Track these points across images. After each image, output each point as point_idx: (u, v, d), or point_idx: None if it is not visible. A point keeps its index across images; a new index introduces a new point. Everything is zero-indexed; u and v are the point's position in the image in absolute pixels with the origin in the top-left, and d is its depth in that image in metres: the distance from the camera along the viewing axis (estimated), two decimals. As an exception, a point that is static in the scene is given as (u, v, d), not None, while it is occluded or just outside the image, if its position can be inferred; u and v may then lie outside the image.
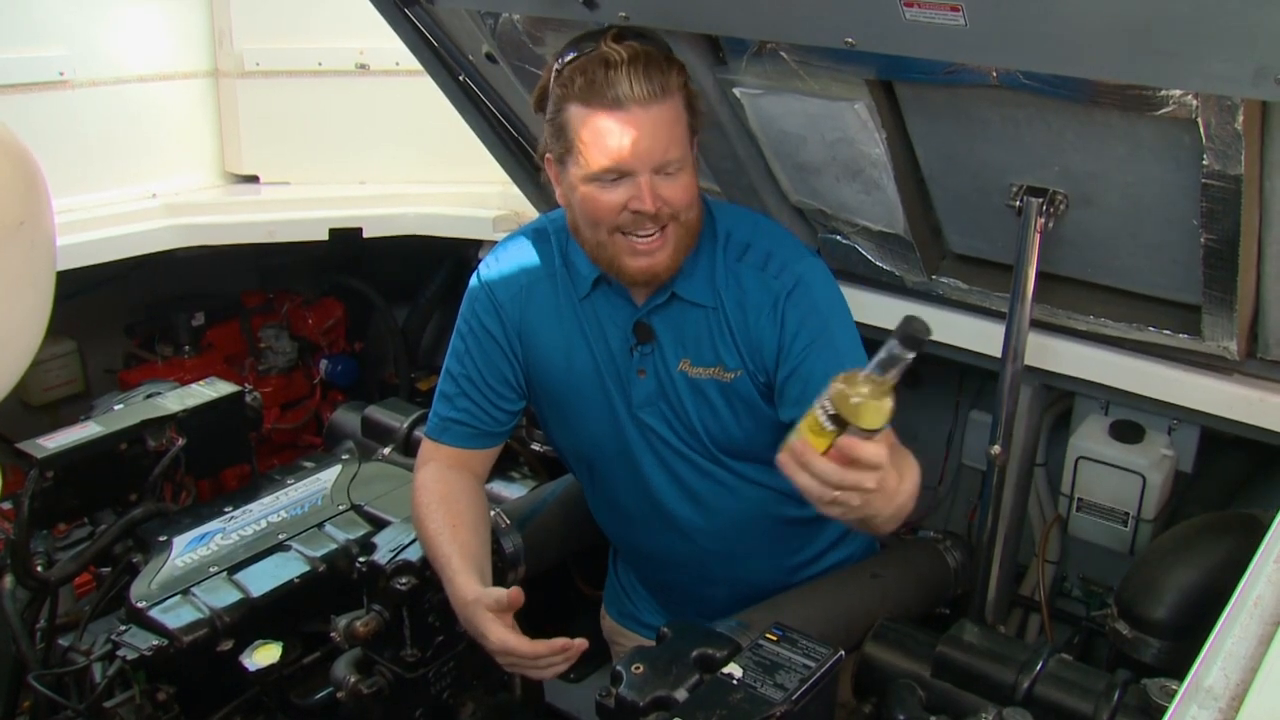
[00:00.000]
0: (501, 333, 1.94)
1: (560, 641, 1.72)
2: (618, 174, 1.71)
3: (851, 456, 1.40)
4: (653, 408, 1.93)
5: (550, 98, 1.75)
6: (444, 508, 1.89)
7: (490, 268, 1.97)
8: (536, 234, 1.97)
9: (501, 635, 1.70)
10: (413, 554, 1.89)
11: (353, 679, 1.88)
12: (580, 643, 1.73)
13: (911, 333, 1.38)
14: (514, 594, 1.72)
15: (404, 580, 1.86)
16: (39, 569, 2.12)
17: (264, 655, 1.89)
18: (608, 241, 1.77)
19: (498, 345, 1.95)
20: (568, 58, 1.72)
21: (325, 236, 3.19)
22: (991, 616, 2.36)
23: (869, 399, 1.40)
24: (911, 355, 1.39)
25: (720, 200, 1.99)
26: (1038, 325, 2.10)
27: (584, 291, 1.90)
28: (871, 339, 2.27)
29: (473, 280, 1.99)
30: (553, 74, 1.74)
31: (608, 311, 1.90)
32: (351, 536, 2.18)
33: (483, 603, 1.73)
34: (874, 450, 1.41)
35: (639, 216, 1.72)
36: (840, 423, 1.40)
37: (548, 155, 1.80)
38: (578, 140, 1.71)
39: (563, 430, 2.07)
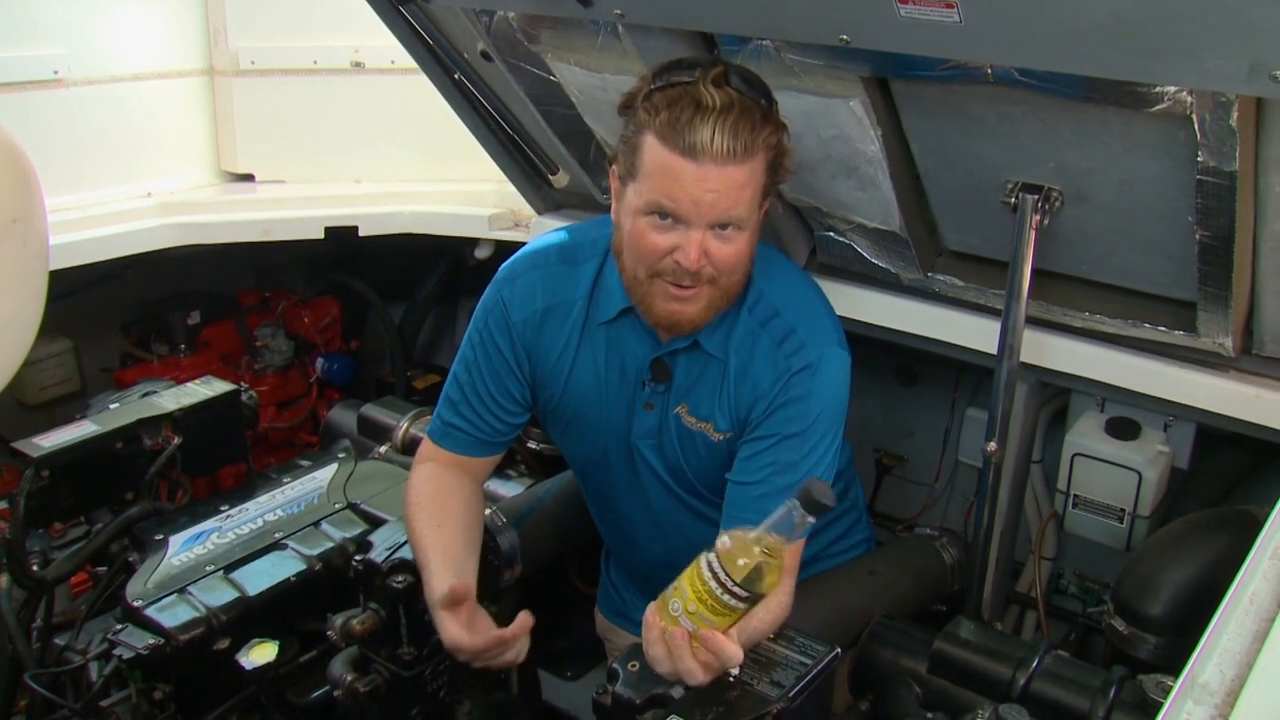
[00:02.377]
0: (511, 351, 1.93)
1: (496, 635, 1.72)
2: (672, 219, 1.67)
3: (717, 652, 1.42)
4: (651, 440, 1.94)
5: (634, 114, 1.70)
6: (433, 507, 1.89)
7: (511, 283, 1.94)
8: (566, 254, 1.94)
9: (450, 634, 1.71)
10: (409, 552, 1.89)
11: (349, 677, 1.88)
12: (523, 621, 1.74)
13: (815, 497, 1.37)
14: (457, 587, 1.72)
15: (400, 578, 1.86)
16: (35, 568, 2.12)
17: (260, 654, 1.89)
18: (645, 280, 1.74)
19: (506, 362, 1.94)
20: (662, 80, 1.67)
21: (321, 235, 3.18)
22: (988, 613, 2.36)
23: (764, 561, 1.38)
24: (812, 520, 1.39)
25: (772, 252, 1.94)
26: (1033, 322, 2.10)
27: (609, 316, 1.87)
28: (868, 336, 2.30)
29: (490, 290, 1.97)
30: (643, 90, 1.69)
31: (630, 341, 1.89)
32: (348, 535, 2.18)
33: (433, 599, 1.74)
34: (734, 653, 1.43)
35: (680, 269, 1.69)
36: (750, 596, 1.39)
37: (614, 166, 1.77)
38: (644, 169, 1.67)
39: (564, 441, 2.08)
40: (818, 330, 1.82)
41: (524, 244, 2.04)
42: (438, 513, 1.88)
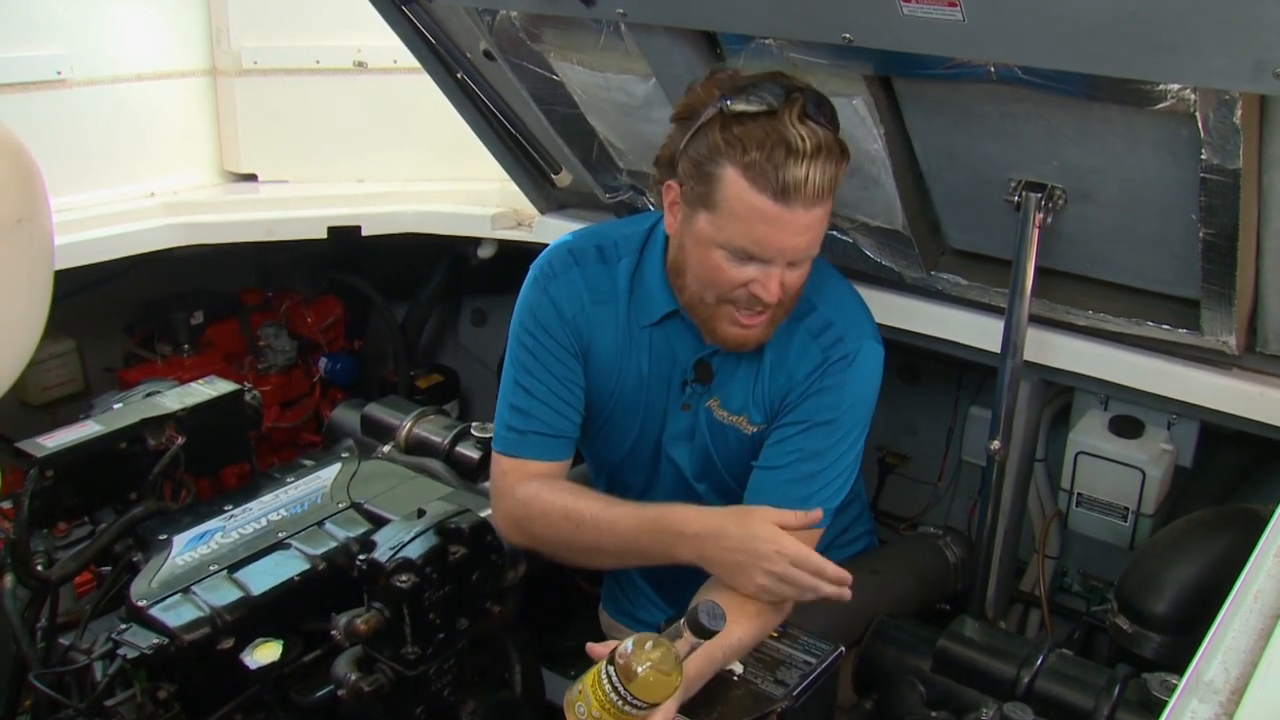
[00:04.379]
0: (571, 343, 1.91)
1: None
2: (753, 257, 1.67)
3: None
4: (681, 442, 1.94)
5: (705, 134, 1.64)
6: (584, 495, 1.85)
7: (553, 280, 1.91)
8: (600, 254, 1.92)
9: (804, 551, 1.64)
10: (413, 551, 1.89)
11: (353, 677, 1.88)
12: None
13: (703, 623, 1.39)
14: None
15: (404, 578, 1.86)
16: (39, 568, 2.12)
17: (265, 653, 1.89)
18: (712, 304, 1.74)
19: (569, 353, 1.91)
20: (742, 106, 1.61)
21: (324, 234, 3.18)
22: (992, 612, 2.36)
23: (656, 672, 1.38)
24: (700, 641, 1.40)
25: None
26: (1037, 320, 2.10)
27: (652, 320, 1.87)
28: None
29: (531, 293, 1.93)
30: (719, 111, 1.63)
31: (675, 343, 1.89)
32: (352, 534, 2.18)
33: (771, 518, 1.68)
34: None
35: (754, 299, 1.69)
36: (645, 706, 1.39)
37: (672, 181, 1.73)
38: (725, 204, 1.64)
39: (594, 441, 2.07)
40: (855, 324, 1.84)
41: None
42: (596, 495, 1.86)
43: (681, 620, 1.41)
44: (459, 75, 2.55)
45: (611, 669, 1.40)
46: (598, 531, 1.80)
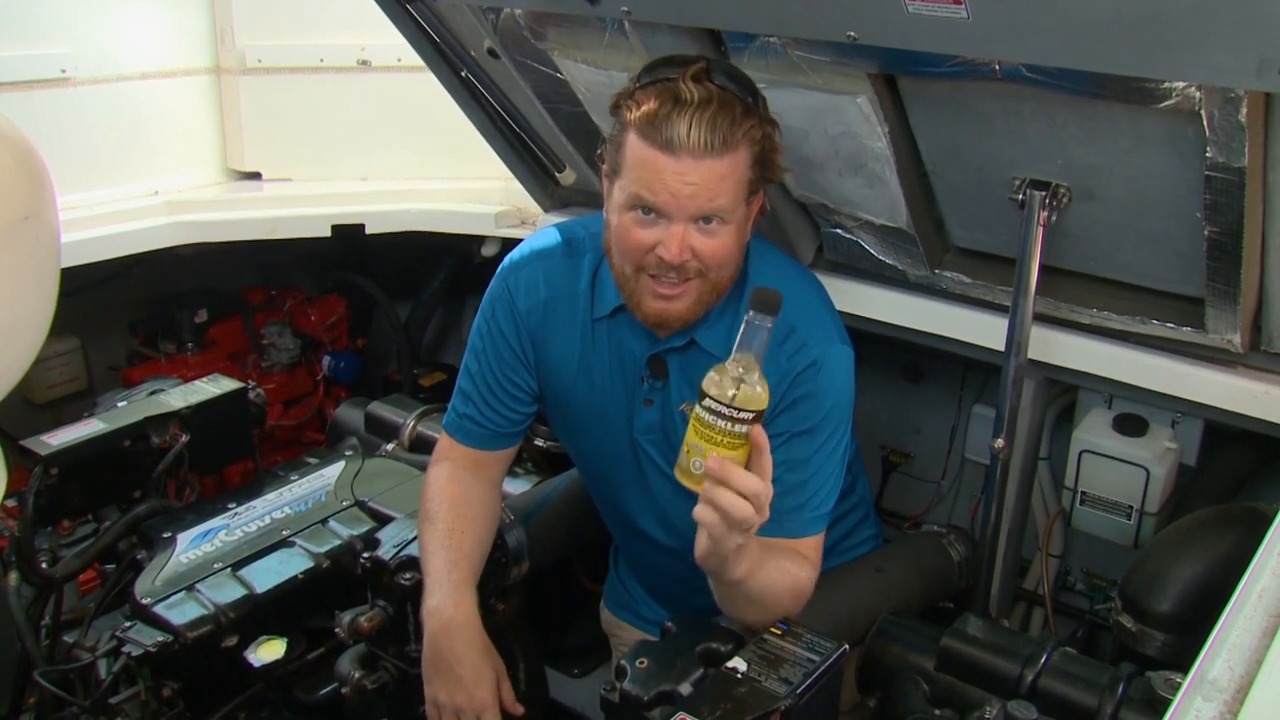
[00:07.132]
0: (517, 340, 1.94)
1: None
2: (654, 212, 1.67)
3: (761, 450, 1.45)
4: (653, 435, 1.93)
5: (618, 112, 1.71)
6: (454, 511, 1.89)
7: (516, 272, 1.95)
8: (568, 246, 1.94)
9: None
10: (416, 550, 1.90)
11: (357, 674, 1.89)
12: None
13: (765, 298, 1.43)
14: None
15: (408, 576, 1.87)
16: (44, 566, 2.13)
17: (268, 651, 1.90)
18: (632, 276, 1.74)
19: (512, 351, 1.94)
20: (647, 78, 1.68)
21: (328, 233, 3.18)
22: (995, 610, 2.36)
23: (747, 379, 1.43)
24: (770, 320, 1.43)
25: (768, 248, 1.93)
26: (1041, 319, 2.10)
27: (607, 312, 1.87)
28: (875, 333, 2.30)
29: (496, 280, 1.97)
30: (630, 89, 1.70)
31: (628, 337, 1.89)
32: (355, 532, 2.19)
33: (427, 608, 1.79)
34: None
35: (663, 264, 1.69)
36: (755, 415, 1.43)
37: (604, 166, 1.78)
38: (626, 164, 1.68)
39: (568, 437, 2.08)
40: (819, 327, 1.82)
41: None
42: (461, 518, 1.89)
43: (744, 321, 1.44)
44: (463, 73, 2.55)
45: (707, 401, 1.43)
46: (424, 538, 1.90)
